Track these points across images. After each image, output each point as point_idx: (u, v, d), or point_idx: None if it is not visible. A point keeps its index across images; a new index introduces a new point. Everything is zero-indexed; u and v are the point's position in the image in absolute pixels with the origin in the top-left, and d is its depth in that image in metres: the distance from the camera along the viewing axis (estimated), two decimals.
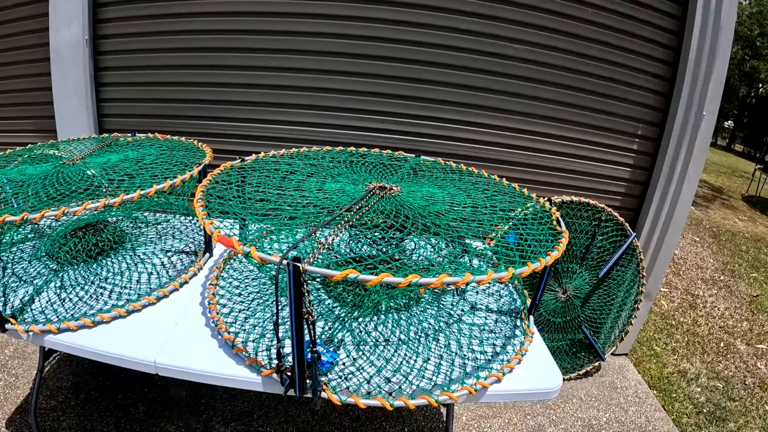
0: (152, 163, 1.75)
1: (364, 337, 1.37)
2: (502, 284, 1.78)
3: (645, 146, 2.60)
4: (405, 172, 1.79)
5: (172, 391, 2.23)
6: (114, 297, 1.52)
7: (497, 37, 2.36)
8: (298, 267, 0.92)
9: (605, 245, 2.49)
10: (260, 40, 2.41)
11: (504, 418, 2.35)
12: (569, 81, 2.45)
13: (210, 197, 1.37)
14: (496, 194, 1.67)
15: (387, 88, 2.44)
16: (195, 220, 2.12)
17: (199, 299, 1.55)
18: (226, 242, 1.02)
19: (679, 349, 3.39)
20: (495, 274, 0.98)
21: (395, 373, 1.25)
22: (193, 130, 2.55)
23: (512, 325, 1.52)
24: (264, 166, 1.69)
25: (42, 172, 1.60)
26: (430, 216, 1.34)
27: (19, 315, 1.40)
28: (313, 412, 2.20)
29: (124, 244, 1.85)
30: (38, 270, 1.64)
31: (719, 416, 2.68)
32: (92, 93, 2.52)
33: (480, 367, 1.31)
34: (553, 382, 1.32)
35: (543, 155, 2.58)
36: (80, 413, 2.05)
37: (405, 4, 2.31)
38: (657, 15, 2.40)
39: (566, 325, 2.58)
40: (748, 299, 4.48)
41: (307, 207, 1.34)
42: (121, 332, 1.37)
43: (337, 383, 1.19)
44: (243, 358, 1.25)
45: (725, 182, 11.28)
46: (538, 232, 1.37)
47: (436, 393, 1.18)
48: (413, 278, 0.91)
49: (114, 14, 2.46)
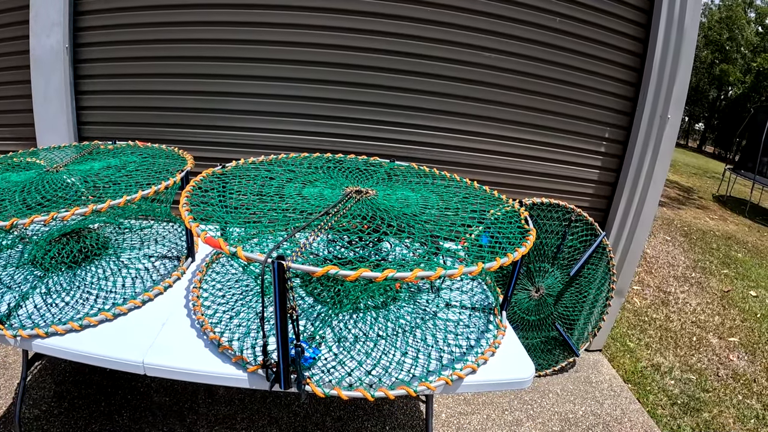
0: (135, 170, 1.78)
1: (344, 334, 1.43)
2: (476, 282, 1.86)
3: (612, 149, 2.73)
4: (380, 177, 1.86)
5: (155, 398, 2.25)
6: (100, 302, 1.54)
7: (468, 46, 2.46)
8: (282, 264, 0.98)
9: (575, 245, 2.60)
10: (239, 49, 2.47)
11: (483, 414, 2.42)
12: (537, 87, 2.57)
13: (194, 203, 1.41)
14: (468, 197, 1.75)
15: (361, 96, 2.53)
16: (177, 226, 2.16)
17: (184, 302, 1.59)
18: (213, 243, 1.08)
19: (653, 344, 3.50)
20: (465, 268, 1.05)
21: (375, 367, 1.31)
22: (173, 138, 2.59)
23: (486, 321, 1.60)
24: (244, 173, 1.75)
25: (26, 179, 1.62)
26: (405, 217, 1.41)
27: (6, 320, 1.42)
28: (296, 414, 2.24)
29: (108, 250, 1.87)
30: (24, 276, 1.65)
31: (693, 407, 2.77)
32: (72, 101, 2.54)
33: (456, 359, 1.38)
34: (525, 373, 1.40)
35: (513, 159, 2.68)
36: (64, 422, 2.05)
37: (376, 15, 2.40)
38: (622, 23, 2.53)
39: (540, 322, 2.67)
40: (719, 295, 4.64)
41: (287, 211, 1.40)
42: (109, 335, 1.40)
43: (320, 377, 1.24)
44: (229, 357, 1.29)
45: (696, 183, 11.64)
46: (508, 232, 1.45)
47: (414, 384, 1.25)
48: (389, 273, 0.98)
49: (95, 22, 2.49)
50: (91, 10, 2.47)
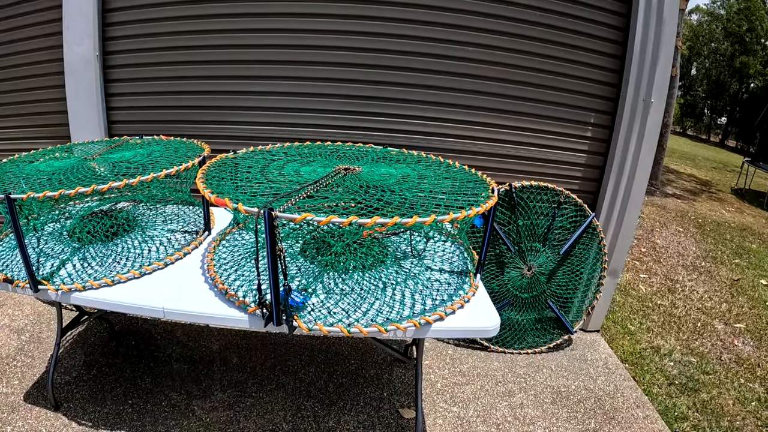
0: (160, 157, 2.05)
1: (332, 288, 1.64)
2: (457, 251, 2.05)
3: (599, 133, 2.86)
4: (370, 159, 2.07)
5: (175, 366, 2.49)
6: (129, 265, 1.80)
7: (453, 42, 2.66)
8: (271, 213, 1.20)
9: (565, 225, 2.75)
10: (250, 53, 2.74)
11: (476, 385, 2.55)
12: (523, 78, 2.73)
13: (209, 178, 1.66)
14: (445, 172, 1.94)
15: (362, 91, 2.76)
16: (195, 207, 2.42)
17: (200, 264, 1.85)
18: (220, 202, 1.31)
19: (654, 328, 3.51)
20: (438, 217, 1.25)
21: (356, 313, 1.52)
22: (193, 133, 2.86)
23: (461, 282, 1.79)
24: (252, 158, 1.99)
25: (68, 165, 1.90)
26: (385, 186, 1.62)
27: (49, 278, 1.68)
28: (301, 380, 2.45)
29: (135, 227, 2.14)
30: (63, 247, 1.93)
31: (692, 387, 2.77)
32: (102, 102, 2.84)
33: (428, 309, 1.57)
34: (491, 323, 1.57)
35: (504, 145, 2.85)
36: (92, 386, 2.29)
37: (375, 18, 2.64)
38: (602, 14, 2.67)
39: (533, 300, 2.82)
40: (728, 283, 4.58)
41: (285, 182, 1.63)
42: (136, 289, 1.66)
43: (308, 318, 1.46)
44: (233, 302, 1.52)
45: (715, 176, 11.38)
46: (471, 192, 1.63)
47: (386, 325, 1.44)
48: (376, 220, 1.18)
49: (121, 33, 2.79)
50: (117, 22, 2.78)
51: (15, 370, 2.37)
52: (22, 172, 1.85)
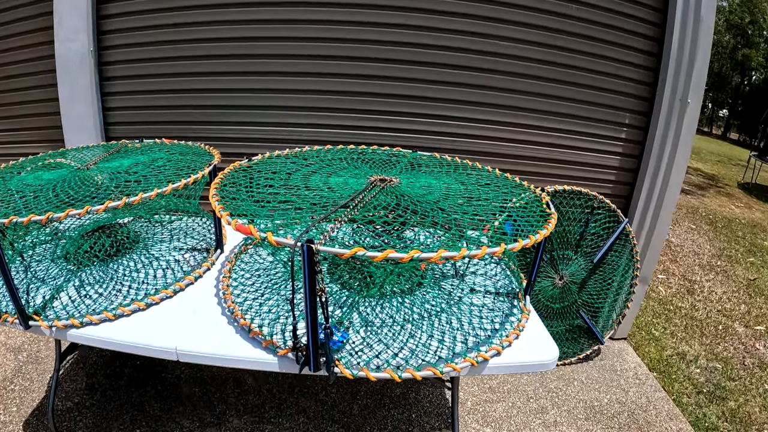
0: (163, 166, 1.83)
1: (371, 319, 1.45)
2: (499, 268, 1.86)
3: (633, 135, 2.70)
4: (403, 166, 1.88)
5: (185, 388, 2.31)
6: (132, 293, 1.60)
7: (487, 36, 2.46)
8: (311, 247, 1.00)
9: (598, 231, 2.58)
10: (257, 46, 2.51)
11: (508, 402, 2.42)
12: (557, 75, 2.55)
13: (223, 194, 1.45)
14: (490, 184, 1.76)
15: (383, 88, 2.55)
16: (205, 220, 2.21)
17: (214, 291, 1.64)
18: (244, 230, 1.11)
19: (678, 332, 3.46)
20: (489, 249, 1.06)
21: (401, 350, 1.33)
22: (197, 134, 2.65)
23: (510, 305, 1.61)
24: (271, 166, 1.78)
25: (59, 177, 1.68)
26: (428, 204, 1.43)
27: (41, 312, 1.48)
28: (323, 403, 2.28)
29: (138, 244, 1.93)
30: (57, 270, 1.72)
31: (719, 395, 2.74)
32: (98, 102, 2.61)
33: (481, 342, 1.40)
34: (549, 355, 1.40)
35: (535, 147, 2.68)
36: (96, 413, 2.12)
37: (398, 8, 2.42)
38: (640, 8, 2.50)
39: (564, 310, 2.66)
40: (745, 283, 4.54)
41: (314, 199, 1.43)
42: (142, 324, 1.45)
43: (348, 360, 1.27)
44: (259, 341, 1.33)
45: (720, 170, 11.35)
46: (529, 216, 1.46)
47: (440, 365, 1.27)
48: (415, 253, 0.99)
49: (117, 26, 2.56)
50: (113, 13, 2.54)
51: (13, 395, 2.19)
52: (6, 185, 1.64)
